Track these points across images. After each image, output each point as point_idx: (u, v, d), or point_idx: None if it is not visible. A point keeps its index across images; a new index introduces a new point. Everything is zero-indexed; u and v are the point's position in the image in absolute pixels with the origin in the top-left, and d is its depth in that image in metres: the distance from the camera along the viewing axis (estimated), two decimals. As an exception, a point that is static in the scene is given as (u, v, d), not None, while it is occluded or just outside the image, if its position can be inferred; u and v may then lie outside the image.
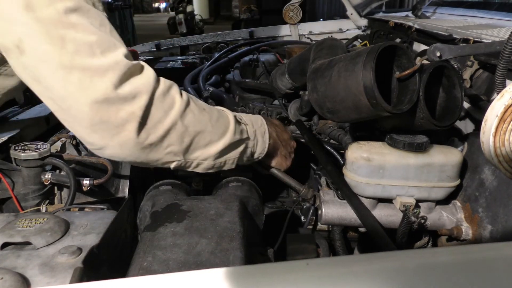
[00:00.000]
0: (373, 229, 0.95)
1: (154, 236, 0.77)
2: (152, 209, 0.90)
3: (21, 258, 0.68)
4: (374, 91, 0.88)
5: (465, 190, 1.03)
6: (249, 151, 0.98)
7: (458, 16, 2.30)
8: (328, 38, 1.33)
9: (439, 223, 1.03)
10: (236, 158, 0.95)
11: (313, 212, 1.12)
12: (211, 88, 1.81)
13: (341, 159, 1.17)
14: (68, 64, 0.71)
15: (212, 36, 2.98)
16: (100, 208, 0.93)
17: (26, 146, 1.05)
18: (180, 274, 0.52)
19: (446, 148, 1.00)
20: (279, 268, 0.55)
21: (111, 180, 1.14)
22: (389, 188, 0.99)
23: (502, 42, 0.97)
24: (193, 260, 0.70)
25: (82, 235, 0.76)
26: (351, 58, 0.96)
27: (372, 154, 0.97)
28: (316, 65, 1.11)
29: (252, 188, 1.05)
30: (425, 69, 0.95)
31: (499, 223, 0.91)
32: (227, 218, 0.83)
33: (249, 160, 1.00)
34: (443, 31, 1.73)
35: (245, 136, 0.95)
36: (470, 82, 1.34)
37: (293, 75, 1.41)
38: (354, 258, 0.75)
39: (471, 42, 1.45)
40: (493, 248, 0.62)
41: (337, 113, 1.03)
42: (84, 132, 0.77)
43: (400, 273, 0.53)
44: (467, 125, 1.30)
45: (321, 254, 1.01)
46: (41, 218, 0.77)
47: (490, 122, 0.76)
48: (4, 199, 1.05)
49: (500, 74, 0.90)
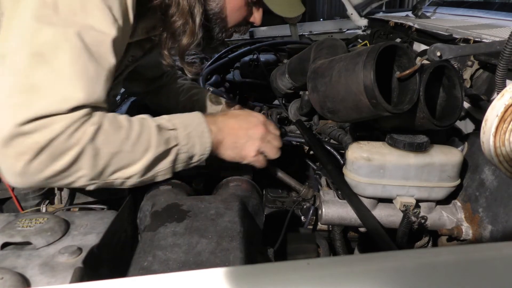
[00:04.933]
0: (373, 229, 0.95)
1: (154, 236, 0.77)
2: (152, 209, 0.90)
3: (21, 258, 0.68)
4: (374, 91, 0.88)
5: (466, 190, 1.03)
6: (184, 157, 0.90)
7: (458, 16, 2.30)
8: (328, 38, 1.33)
9: (439, 223, 1.03)
10: (169, 167, 0.89)
11: (313, 212, 1.12)
12: (211, 88, 1.81)
13: (341, 159, 1.17)
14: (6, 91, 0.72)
15: (212, 36, 2.98)
16: (100, 208, 0.93)
17: (26, 146, 1.04)
18: (180, 274, 0.52)
19: (447, 148, 1.00)
20: (279, 268, 0.55)
21: (111, 180, 1.14)
22: (389, 188, 0.99)
23: (502, 42, 0.97)
24: (193, 260, 0.70)
25: (82, 235, 0.76)
26: (351, 58, 0.96)
27: (373, 154, 0.97)
28: (316, 65, 1.11)
29: (252, 188, 1.05)
30: (425, 69, 0.95)
31: (499, 223, 0.91)
32: (227, 218, 0.82)
33: (189, 164, 0.93)
34: (443, 31, 1.73)
35: (172, 144, 0.87)
36: (470, 82, 1.34)
37: (293, 75, 1.42)
38: (354, 258, 0.75)
39: (471, 42, 1.45)
40: (493, 248, 0.62)
41: (338, 113, 1.03)
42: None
43: (400, 273, 0.53)
44: (467, 125, 1.30)
45: (321, 254, 1.01)
46: (41, 218, 0.77)
47: (490, 122, 0.76)
48: (4, 199, 1.05)
49: (500, 74, 0.90)
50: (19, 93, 0.72)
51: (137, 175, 0.85)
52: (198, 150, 0.92)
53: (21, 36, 0.75)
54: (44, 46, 0.74)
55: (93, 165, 0.78)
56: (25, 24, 0.75)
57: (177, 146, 0.88)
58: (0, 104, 0.72)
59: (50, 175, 0.76)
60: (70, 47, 0.75)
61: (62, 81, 0.75)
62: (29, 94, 0.72)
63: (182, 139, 0.89)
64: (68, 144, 0.75)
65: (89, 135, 0.76)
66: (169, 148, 0.87)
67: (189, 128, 0.90)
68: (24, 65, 0.73)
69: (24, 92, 0.72)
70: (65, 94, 0.74)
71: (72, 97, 0.75)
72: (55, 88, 0.74)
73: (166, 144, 0.86)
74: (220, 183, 1.08)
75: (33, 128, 0.72)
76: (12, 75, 0.73)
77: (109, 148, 0.79)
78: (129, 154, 0.82)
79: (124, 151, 0.81)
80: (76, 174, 0.78)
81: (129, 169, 0.83)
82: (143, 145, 0.83)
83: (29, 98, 0.72)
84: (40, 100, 0.72)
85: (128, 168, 0.83)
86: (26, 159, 0.72)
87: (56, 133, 0.73)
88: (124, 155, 0.81)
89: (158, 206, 0.89)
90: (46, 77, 0.74)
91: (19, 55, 0.74)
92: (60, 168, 0.75)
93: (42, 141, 0.72)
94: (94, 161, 0.78)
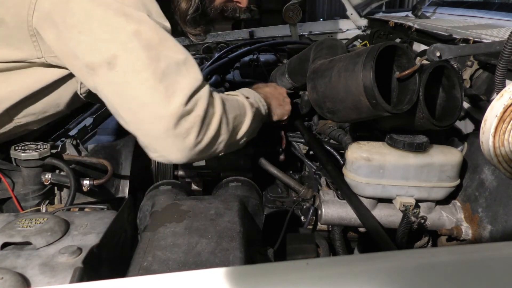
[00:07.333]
0: (373, 229, 0.95)
1: (154, 236, 0.77)
2: (152, 209, 0.90)
3: (21, 258, 0.68)
4: (374, 91, 0.88)
5: (465, 190, 1.03)
6: (259, 116, 1.09)
7: (458, 16, 2.30)
8: (328, 38, 1.33)
9: (439, 223, 1.03)
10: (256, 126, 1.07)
11: (313, 212, 1.12)
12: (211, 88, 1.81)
13: (341, 159, 1.18)
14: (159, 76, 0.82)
15: (212, 36, 2.98)
16: (100, 208, 0.93)
17: (26, 146, 1.05)
18: (180, 274, 0.52)
19: (446, 148, 1.00)
20: (279, 268, 0.55)
21: (111, 180, 1.14)
22: (389, 188, 0.99)
23: (502, 42, 0.97)
24: (193, 260, 0.70)
25: (82, 235, 0.76)
26: (351, 58, 0.96)
27: (372, 154, 0.97)
28: (316, 65, 1.11)
29: (252, 188, 1.05)
30: (425, 69, 0.95)
31: (499, 223, 0.91)
32: (227, 218, 0.83)
33: (262, 119, 1.12)
34: (443, 31, 1.73)
35: (255, 106, 1.06)
36: (470, 82, 1.34)
37: (293, 75, 1.42)
38: (354, 258, 0.75)
39: (471, 42, 1.45)
40: (493, 248, 0.62)
41: (337, 113, 1.03)
42: (154, 141, 0.87)
43: (400, 273, 0.53)
44: (467, 125, 1.30)
45: (321, 254, 1.01)
46: (41, 218, 0.77)
47: (490, 122, 0.77)
48: (4, 199, 1.05)
49: (500, 74, 0.90)
50: (160, 83, 0.82)
51: (247, 132, 1.01)
52: (263, 109, 1.10)
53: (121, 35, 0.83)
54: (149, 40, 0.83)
55: (227, 129, 0.93)
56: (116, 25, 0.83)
57: (254, 108, 1.05)
58: (151, 97, 0.82)
59: (207, 143, 0.89)
60: (166, 34, 0.87)
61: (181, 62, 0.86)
62: (167, 81, 0.83)
63: (254, 103, 1.07)
64: (212, 111, 0.89)
65: (221, 105, 0.91)
66: (253, 109, 1.04)
67: (252, 96, 1.09)
68: (146, 60, 0.82)
69: (162, 80, 0.82)
70: (191, 71, 0.87)
71: (196, 72, 0.88)
72: (181, 69, 0.85)
73: (251, 107, 1.04)
74: (220, 183, 1.08)
75: (193, 104, 0.85)
76: (140, 72, 0.82)
77: (231, 113, 0.95)
78: (240, 116, 0.99)
79: (238, 114, 0.98)
80: (218, 139, 0.92)
81: (243, 127, 1.00)
82: (243, 108, 1.01)
83: (171, 84, 0.83)
84: (179, 81, 0.84)
85: (242, 127, 1.00)
86: (195, 131, 0.85)
87: (205, 104, 0.87)
88: (239, 118, 0.98)
89: (158, 206, 0.89)
90: (169, 63, 0.84)
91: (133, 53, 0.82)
92: (212, 134, 0.89)
93: (201, 113, 0.86)
94: (227, 126, 0.93)
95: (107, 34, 0.83)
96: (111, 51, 0.82)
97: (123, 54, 0.82)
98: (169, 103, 0.82)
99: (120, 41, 0.82)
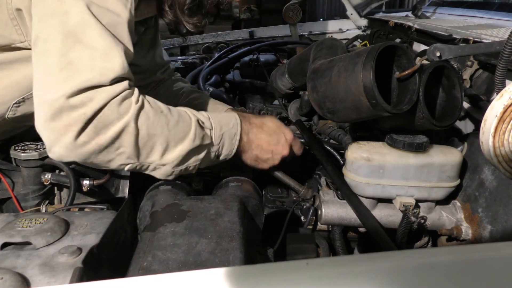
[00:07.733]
0: (373, 229, 0.95)
1: (154, 236, 0.77)
2: (152, 209, 0.90)
3: (21, 258, 0.68)
4: (374, 91, 0.88)
5: (465, 190, 1.03)
6: (212, 155, 0.95)
7: (458, 16, 2.30)
8: (328, 38, 1.33)
9: (439, 223, 1.03)
10: (198, 164, 0.93)
11: (313, 212, 1.12)
12: (211, 88, 1.81)
13: (341, 159, 1.18)
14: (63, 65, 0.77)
15: (212, 36, 2.98)
16: (100, 208, 0.93)
17: (26, 146, 1.05)
18: (180, 274, 0.52)
19: (446, 148, 1.00)
20: (279, 268, 0.55)
21: (111, 180, 1.14)
22: (389, 188, 0.99)
23: (502, 42, 0.97)
24: (193, 260, 0.70)
25: (82, 235, 0.76)
26: (351, 58, 0.96)
27: (372, 154, 0.97)
28: (316, 65, 1.11)
29: (252, 188, 1.05)
30: (425, 69, 0.95)
31: (499, 223, 0.91)
32: (227, 218, 0.83)
33: (213, 162, 0.98)
34: (443, 31, 1.73)
35: (207, 142, 0.92)
36: (470, 82, 1.34)
37: (293, 75, 1.42)
38: (354, 258, 0.75)
39: (471, 42, 1.45)
40: (493, 248, 0.62)
41: (337, 113, 1.03)
42: (38, 131, 0.80)
43: (400, 273, 0.53)
44: (467, 125, 1.30)
45: (321, 254, 1.01)
46: (41, 218, 0.77)
47: (490, 122, 0.77)
48: (4, 199, 1.05)
49: (500, 74, 0.90)
50: (60, 71, 0.76)
51: (171, 164, 0.88)
52: (225, 151, 0.96)
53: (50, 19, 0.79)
54: (74, 26, 0.78)
55: (134, 143, 0.81)
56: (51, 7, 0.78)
57: (211, 146, 0.92)
58: (44, 82, 0.77)
59: (95, 149, 0.79)
60: (95, 23, 0.79)
61: (97, 54, 0.79)
62: (69, 70, 0.76)
63: (216, 139, 0.93)
64: (112, 117, 0.78)
65: (132, 112, 0.80)
66: (203, 145, 0.91)
67: (223, 129, 0.94)
68: (59, 45, 0.77)
69: (63, 69, 0.76)
70: (103, 66, 0.78)
71: (110, 68, 0.79)
72: (92, 62, 0.78)
73: (202, 140, 0.90)
74: (220, 183, 1.08)
75: (80, 100, 0.75)
76: (49, 56, 0.78)
77: (149, 129, 0.82)
78: (166, 140, 0.85)
79: (162, 135, 0.84)
80: (117, 150, 0.81)
81: (165, 156, 0.86)
82: (179, 134, 0.86)
83: (70, 73, 0.76)
84: (81, 73, 0.76)
85: (164, 155, 0.86)
86: (74, 130, 0.76)
87: (101, 105, 0.77)
88: (162, 140, 0.84)
89: (158, 206, 0.89)
90: (81, 53, 0.78)
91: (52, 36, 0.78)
92: (104, 142, 0.79)
93: (89, 113, 0.76)
94: (135, 139, 0.81)
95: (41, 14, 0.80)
96: (36, 31, 0.80)
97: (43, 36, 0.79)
98: (55, 92, 0.76)
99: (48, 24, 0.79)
